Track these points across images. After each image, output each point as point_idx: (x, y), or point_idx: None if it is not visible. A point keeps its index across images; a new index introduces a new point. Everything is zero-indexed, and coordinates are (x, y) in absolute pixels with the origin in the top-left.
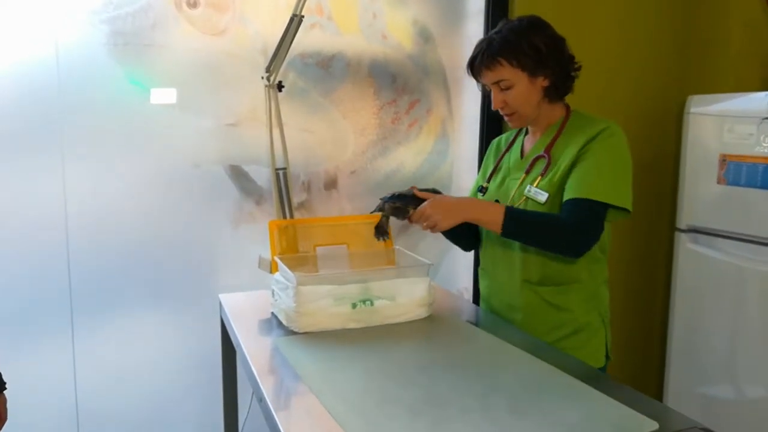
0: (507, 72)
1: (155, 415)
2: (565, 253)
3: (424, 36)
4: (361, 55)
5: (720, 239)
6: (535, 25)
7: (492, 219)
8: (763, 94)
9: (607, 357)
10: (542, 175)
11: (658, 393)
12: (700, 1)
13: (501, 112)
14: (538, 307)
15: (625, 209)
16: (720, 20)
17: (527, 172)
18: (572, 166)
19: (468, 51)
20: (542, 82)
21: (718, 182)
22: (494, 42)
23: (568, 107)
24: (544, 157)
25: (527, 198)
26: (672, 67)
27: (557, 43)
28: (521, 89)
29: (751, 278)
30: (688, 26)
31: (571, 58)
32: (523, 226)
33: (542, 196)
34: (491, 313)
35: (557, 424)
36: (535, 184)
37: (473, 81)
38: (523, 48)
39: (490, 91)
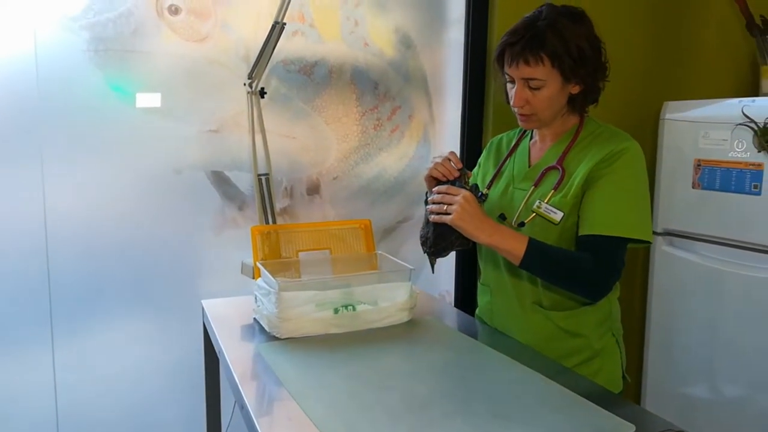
0: (544, 72)
1: (137, 422)
2: (583, 295)
3: (406, 43)
4: (343, 62)
5: (695, 242)
6: (585, 22)
7: (511, 249)
8: (736, 100)
9: (624, 378)
10: (555, 189)
11: (636, 395)
12: (676, 8)
13: (518, 111)
14: (551, 333)
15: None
16: (696, 28)
17: (536, 184)
18: (585, 183)
19: (449, 57)
20: (572, 88)
21: (693, 187)
22: (540, 33)
23: (582, 113)
24: (557, 169)
25: (536, 214)
26: (648, 74)
27: (599, 46)
28: (550, 92)
29: (726, 280)
30: (664, 34)
31: (605, 66)
32: (543, 263)
33: (556, 215)
34: (476, 320)
35: (536, 427)
36: (546, 200)
37: (454, 87)
38: (571, 49)
39: (508, 83)
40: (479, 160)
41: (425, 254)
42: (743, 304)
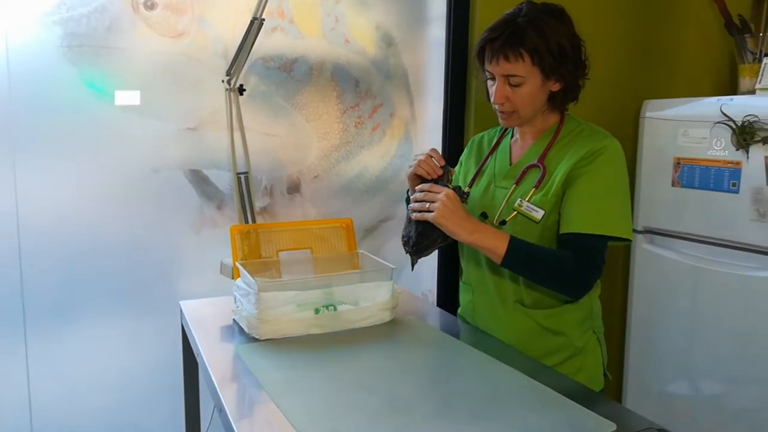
0: (524, 68)
1: (114, 427)
2: (564, 293)
3: (387, 40)
4: (324, 59)
5: (675, 240)
6: (565, 20)
7: (493, 247)
8: (714, 99)
9: (606, 376)
10: (536, 187)
11: (617, 392)
12: (656, 8)
13: (498, 108)
14: (532, 331)
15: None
16: (675, 27)
17: (517, 182)
18: (565, 182)
19: (430, 55)
20: (552, 86)
21: (673, 185)
22: (520, 30)
23: (562, 111)
24: (538, 167)
25: (518, 212)
26: (629, 73)
27: (579, 44)
28: (531, 89)
29: (706, 278)
30: (644, 33)
31: (585, 64)
32: (525, 261)
33: (537, 213)
34: (458, 319)
35: (517, 426)
36: (528, 198)
37: (436, 85)
38: (551, 46)
39: (489, 80)
40: (461, 158)
41: (407, 254)
42: (723, 301)
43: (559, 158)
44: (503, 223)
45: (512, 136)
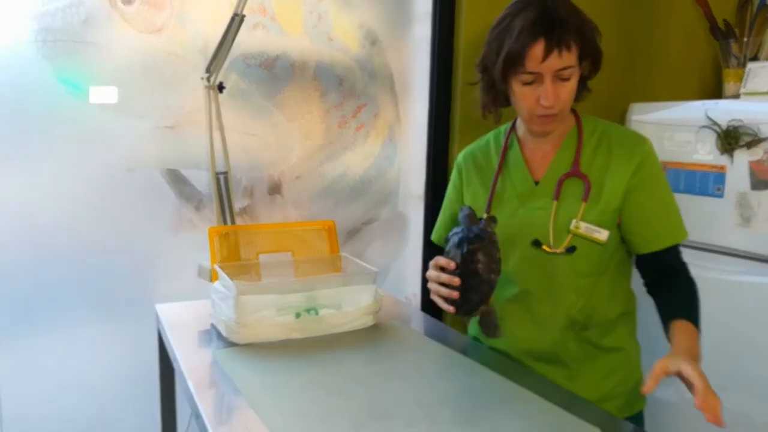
0: (573, 58)
1: None
2: None
3: (371, 39)
4: (307, 57)
5: None
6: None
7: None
8: (700, 102)
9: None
10: (585, 201)
11: None
12: (643, 13)
13: (544, 112)
14: (588, 354)
15: None
16: (661, 32)
17: (557, 198)
18: (623, 198)
19: (415, 54)
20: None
21: None
22: (560, 16)
23: (575, 111)
24: (576, 177)
25: (576, 235)
26: (615, 76)
27: (594, 27)
28: (575, 82)
29: None
30: (630, 37)
31: (600, 50)
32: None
33: (601, 234)
34: (440, 323)
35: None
36: (580, 216)
37: (420, 85)
38: (589, 29)
39: (525, 85)
40: (452, 180)
41: (456, 315)
42: (707, 305)
43: (599, 167)
44: (571, 249)
45: (520, 147)
